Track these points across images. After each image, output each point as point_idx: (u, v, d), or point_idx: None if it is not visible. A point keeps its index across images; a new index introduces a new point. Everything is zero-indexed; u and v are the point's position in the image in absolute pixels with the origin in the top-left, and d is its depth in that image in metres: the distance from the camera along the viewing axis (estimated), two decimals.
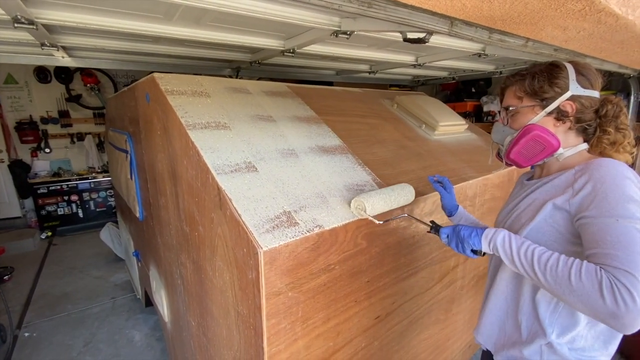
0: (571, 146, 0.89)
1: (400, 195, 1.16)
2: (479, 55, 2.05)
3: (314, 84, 2.21)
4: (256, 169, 1.10)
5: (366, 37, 1.74)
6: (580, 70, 0.87)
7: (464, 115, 3.61)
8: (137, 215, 1.94)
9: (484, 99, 3.56)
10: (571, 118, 0.87)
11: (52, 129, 4.77)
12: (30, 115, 4.61)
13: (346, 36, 1.44)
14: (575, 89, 0.85)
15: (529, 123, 0.90)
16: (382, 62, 2.55)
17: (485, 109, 3.54)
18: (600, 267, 0.66)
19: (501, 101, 1.02)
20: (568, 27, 1.08)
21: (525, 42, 1.34)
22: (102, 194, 4.85)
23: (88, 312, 2.84)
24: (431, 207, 1.40)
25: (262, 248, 0.83)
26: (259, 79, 3.35)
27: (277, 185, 1.07)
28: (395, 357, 1.45)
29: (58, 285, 3.27)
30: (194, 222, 1.18)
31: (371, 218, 1.05)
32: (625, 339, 0.95)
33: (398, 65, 2.57)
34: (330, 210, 1.06)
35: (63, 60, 2.10)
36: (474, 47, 1.94)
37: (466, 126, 2.25)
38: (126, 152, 1.94)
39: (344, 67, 2.88)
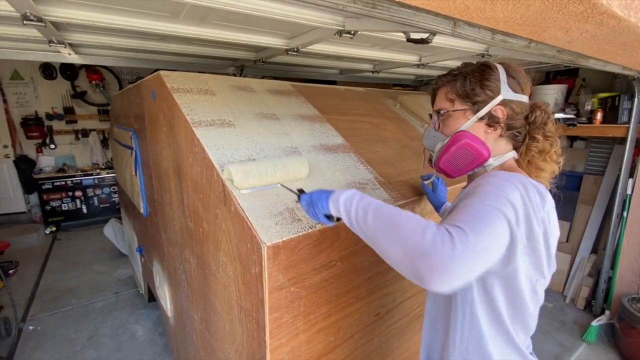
0: (500, 154, 0.83)
1: (283, 169, 1.01)
2: (483, 56, 2.06)
3: (318, 82, 2.22)
4: None
5: (370, 37, 1.76)
6: (511, 73, 0.82)
7: None
8: (142, 211, 1.96)
9: None
10: (502, 124, 0.81)
11: (57, 125, 4.81)
12: (36, 111, 4.65)
13: (350, 36, 1.45)
14: (506, 92, 0.80)
15: (460, 129, 0.83)
16: (385, 62, 2.56)
17: None
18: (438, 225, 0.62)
19: (432, 103, 0.95)
20: (571, 28, 1.09)
21: (528, 44, 1.35)
22: (106, 190, 4.89)
23: (91, 306, 2.87)
24: (432, 207, 1.41)
25: (265, 243, 0.85)
26: (263, 77, 3.36)
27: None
28: (395, 354, 1.46)
29: (62, 280, 3.30)
30: (198, 218, 1.20)
31: (242, 191, 0.95)
32: (625, 341, 0.94)
33: (401, 65, 2.58)
34: None
35: (70, 57, 2.12)
36: (478, 47, 1.95)
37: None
38: (131, 148, 1.97)
39: (348, 67, 2.89)
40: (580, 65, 1.85)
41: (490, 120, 0.82)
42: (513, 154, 0.83)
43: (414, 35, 1.22)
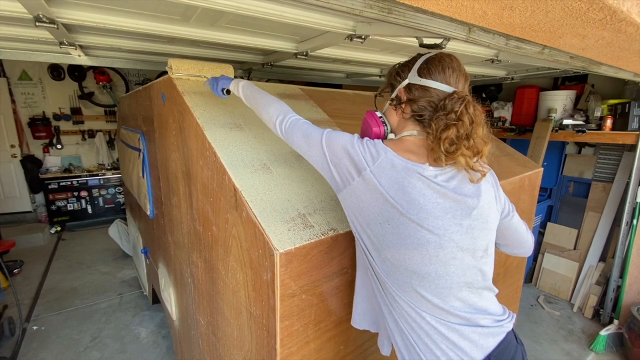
0: (402, 132, 0.91)
1: (213, 67, 1.41)
2: (492, 61, 2.05)
3: (324, 86, 2.22)
4: (271, 170, 1.10)
5: (380, 42, 1.75)
6: (427, 61, 0.87)
7: None
8: (148, 213, 1.96)
9: (495, 104, 3.54)
10: (403, 106, 0.89)
11: (64, 125, 4.84)
12: (43, 112, 4.68)
13: (361, 40, 1.44)
14: (412, 77, 0.87)
15: (375, 109, 0.99)
16: None
17: (495, 114, 3.52)
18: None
19: None
20: (587, 35, 1.08)
21: (542, 50, 1.34)
22: (111, 190, 4.90)
23: (95, 307, 2.87)
24: None
25: (278, 250, 0.84)
26: (268, 80, 3.37)
27: (292, 187, 1.08)
28: None
29: (66, 280, 3.31)
30: (207, 221, 1.19)
31: (174, 75, 1.31)
32: (635, 351, 0.93)
33: None
34: (344, 214, 1.06)
35: (79, 58, 2.13)
36: (488, 52, 1.93)
37: (488, 125, 2.24)
38: (139, 150, 1.97)
39: (355, 70, 2.89)
40: (592, 71, 1.84)
41: (396, 102, 0.92)
42: (413, 132, 0.88)
43: (427, 41, 1.21)
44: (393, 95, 0.92)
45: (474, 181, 0.80)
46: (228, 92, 1.23)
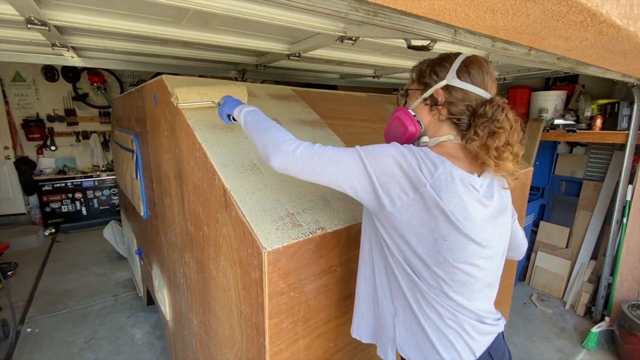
0: (439, 136, 0.88)
1: (222, 90, 1.23)
2: None
3: (318, 87, 2.24)
4: (261, 170, 1.12)
5: (371, 43, 1.77)
6: (467, 64, 0.85)
7: None
8: (142, 214, 1.96)
9: None
10: (440, 107, 0.86)
11: (58, 127, 4.82)
12: (37, 113, 4.66)
13: (351, 42, 1.46)
14: (451, 79, 0.84)
15: (404, 106, 0.94)
16: (386, 67, 2.58)
17: None
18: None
19: None
20: (570, 37, 1.10)
21: (528, 51, 1.36)
22: (106, 192, 4.89)
23: (90, 309, 2.86)
24: None
25: (266, 249, 0.85)
26: (263, 81, 3.38)
27: (282, 187, 1.09)
28: None
29: (61, 282, 3.30)
30: (199, 222, 1.20)
31: (181, 105, 1.18)
32: (625, 348, 0.97)
33: (402, 70, 2.59)
34: (333, 213, 1.08)
35: (72, 60, 2.14)
36: (478, 53, 1.96)
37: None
38: (132, 151, 1.97)
39: (349, 71, 2.91)
40: (580, 72, 1.86)
41: (431, 102, 0.88)
42: (450, 137, 0.85)
43: (415, 42, 1.23)
44: (427, 95, 0.88)
45: (509, 187, 0.84)
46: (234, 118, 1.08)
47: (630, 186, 2.60)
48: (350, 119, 1.78)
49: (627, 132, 2.56)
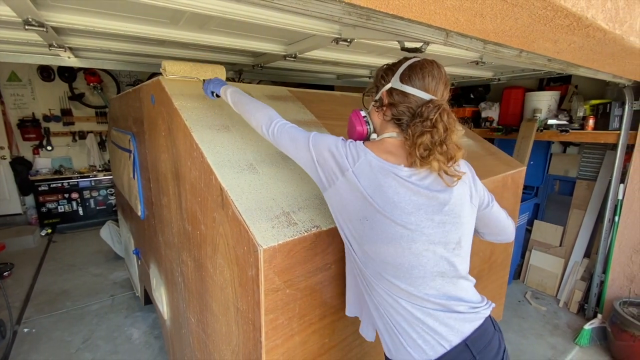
0: (383, 134, 0.96)
1: (205, 69, 1.48)
2: (477, 63, 2.10)
3: (315, 87, 2.26)
4: (257, 170, 1.14)
5: (366, 44, 1.79)
6: (410, 68, 0.91)
7: (462, 121, 3.65)
8: (139, 213, 1.97)
9: (483, 105, 3.61)
10: (384, 108, 0.94)
11: (54, 126, 4.81)
12: (33, 113, 4.64)
13: (346, 43, 1.48)
14: (394, 82, 0.91)
15: (360, 108, 1.04)
16: None
17: (483, 114, 3.59)
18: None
19: None
20: (558, 40, 1.13)
21: (519, 53, 1.39)
22: (103, 192, 4.88)
23: (87, 309, 2.87)
24: None
25: (261, 246, 0.87)
26: (260, 81, 3.39)
27: (277, 186, 1.11)
28: None
29: (57, 282, 3.29)
30: (196, 221, 1.22)
31: (169, 77, 1.38)
32: (617, 344, 0.98)
33: None
34: (327, 212, 1.09)
35: (69, 60, 2.14)
36: (472, 55, 1.99)
37: (463, 132, 2.30)
38: (129, 151, 1.98)
39: (345, 72, 2.93)
40: (571, 73, 1.90)
41: (379, 103, 0.96)
42: (393, 135, 0.93)
43: (408, 45, 1.25)
44: (376, 97, 0.97)
45: (449, 185, 0.86)
46: (218, 95, 1.28)
47: (622, 185, 2.65)
48: (345, 119, 1.80)
49: (618, 132, 2.60)
